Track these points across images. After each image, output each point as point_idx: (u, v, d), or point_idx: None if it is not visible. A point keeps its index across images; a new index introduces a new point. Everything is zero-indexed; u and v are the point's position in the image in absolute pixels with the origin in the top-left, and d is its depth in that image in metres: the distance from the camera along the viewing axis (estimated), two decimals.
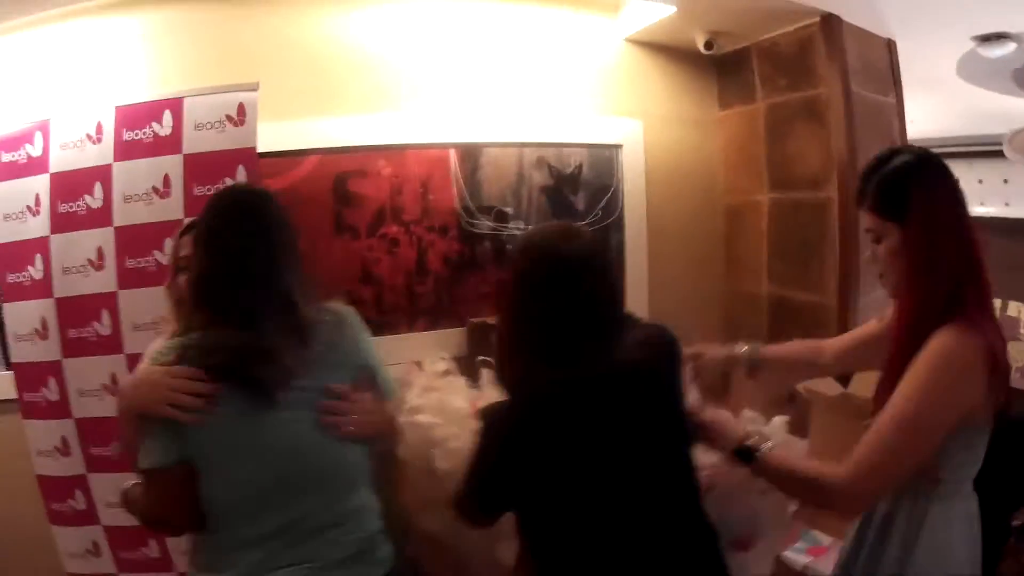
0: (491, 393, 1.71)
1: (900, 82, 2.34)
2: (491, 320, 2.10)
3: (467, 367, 1.98)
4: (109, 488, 1.84)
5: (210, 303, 1.11)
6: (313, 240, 2.12)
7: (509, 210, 2.23)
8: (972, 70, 3.01)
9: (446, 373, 1.93)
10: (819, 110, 2.16)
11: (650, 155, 2.33)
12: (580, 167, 2.25)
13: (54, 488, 1.98)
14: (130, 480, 1.27)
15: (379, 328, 2.10)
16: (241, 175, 1.90)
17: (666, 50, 2.38)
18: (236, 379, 1.07)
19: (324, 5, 2.21)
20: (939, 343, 1.04)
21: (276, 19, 2.20)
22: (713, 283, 2.43)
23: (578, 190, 2.26)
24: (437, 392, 1.80)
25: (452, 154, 2.19)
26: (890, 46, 2.34)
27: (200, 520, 1.14)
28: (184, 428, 1.07)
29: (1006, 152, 3.98)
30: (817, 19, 2.13)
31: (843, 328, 1.97)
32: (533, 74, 2.26)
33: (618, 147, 2.26)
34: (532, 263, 1.16)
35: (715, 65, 2.46)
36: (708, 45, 2.28)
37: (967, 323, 1.04)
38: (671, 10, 2.09)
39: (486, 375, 1.83)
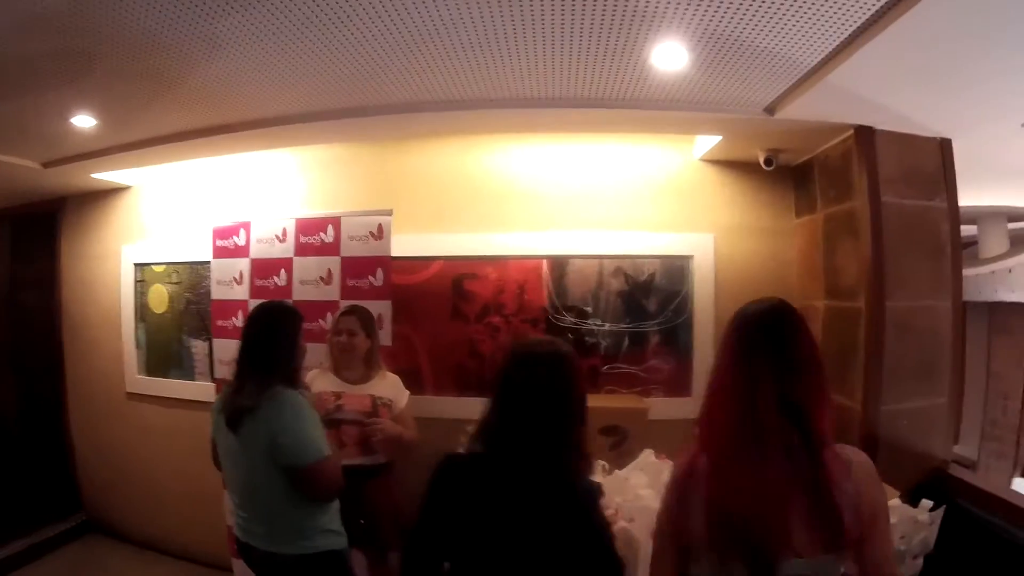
0: None
1: (953, 182, 2.18)
2: None
3: None
4: None
5: (237, 365, 1.76)
6: (436, 322, 2.76)
7: (588, 309, 2.66)
8: None
9: None
10: (854, 223, 2.17)
11: (721, 264, 2.51)
12: (653, 275, 2.59)
13: None
14: None
15: (480, 390, 2.61)
16: (379, 275, 2.56)
17: (742, 166, 2.53)
18: (224, 412, 1.71)
19: (445, 147, 2.77)
20: None
21: (411, 156, 2.81)
22: None
23: (650, 295, 2.60)
24: None
25: (544, 264, 2.68)
26: (943, 146, 2.17)
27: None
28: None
29: None
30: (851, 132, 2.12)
31: (865, 433, 2.03)
32: (616, 197, 2.62)
33: (689, 257, 2.54)
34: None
35: (791, 177, 2.57)
36: (768, 161, 2.42)
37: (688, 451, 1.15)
38: (718, 138, 2.38)
39: None
